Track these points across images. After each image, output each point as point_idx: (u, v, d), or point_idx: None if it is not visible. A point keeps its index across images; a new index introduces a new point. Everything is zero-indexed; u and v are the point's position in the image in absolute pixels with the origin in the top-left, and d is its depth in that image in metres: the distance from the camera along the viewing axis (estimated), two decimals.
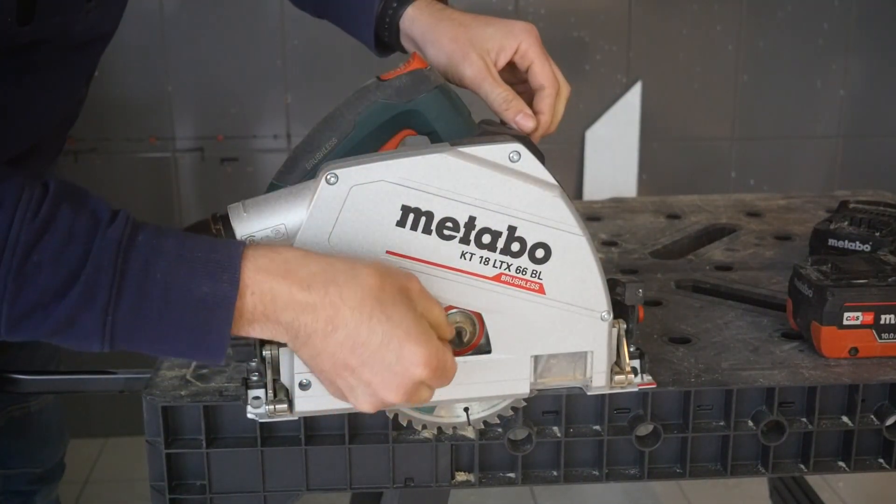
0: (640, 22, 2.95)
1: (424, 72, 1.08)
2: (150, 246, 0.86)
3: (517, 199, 0.98)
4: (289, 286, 0.88)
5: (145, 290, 0.85)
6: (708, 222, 1.71)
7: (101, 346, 0.86)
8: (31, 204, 0.84)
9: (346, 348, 0.89)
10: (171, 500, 1.10)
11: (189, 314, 0.86)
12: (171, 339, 0.88)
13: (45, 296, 0.84)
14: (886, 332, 1.17)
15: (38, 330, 0.86)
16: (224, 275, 0.87)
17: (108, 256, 0.85)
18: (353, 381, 0.91)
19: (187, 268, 0.86)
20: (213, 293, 0.86)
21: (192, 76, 2.86)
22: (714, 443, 1.16)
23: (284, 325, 0.89)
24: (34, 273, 0.83)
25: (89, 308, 0.84)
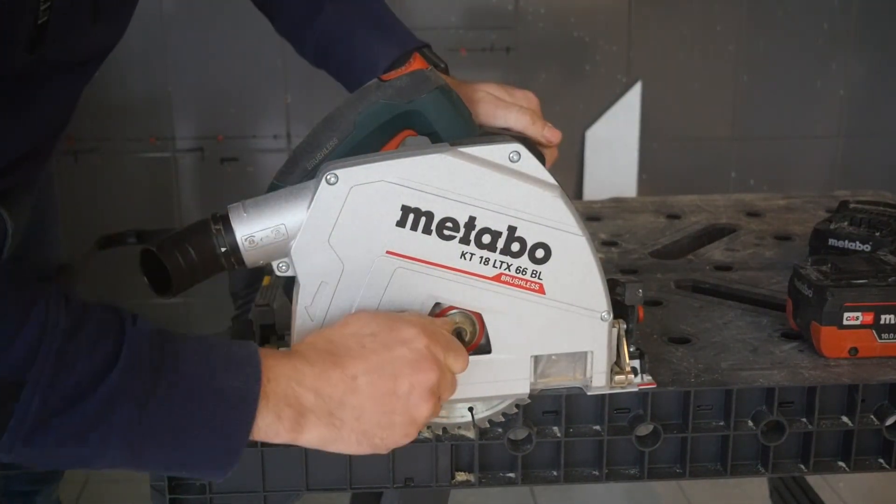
0: (640, 22, 2.95)
1: (425, 72, 1.08)
2: (175, 343, 0.88)
3: (517, 199, 0.98)
4: (294, 366, 0.91)
5: (177, 383, 0.86)
6: (708, 222, 1.71)
7: (119, 449, 0.84)
8: (62, 299, 0.84)
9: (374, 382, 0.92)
10: (171, 500, 1.10)
11: (216, 409, 0.87)
12: (192, 436, 0.87)
13: (76, 391, 0.82)
14: (886, 332, 1.18)
15: (65, 427, 0.82)
16: (247, 369, 0.89)
17: (144, 346, 0.85)
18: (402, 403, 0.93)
19: (212, 364, 0.88)
20: (240, 387, 0.88)
21: (192, 76, 2.87)
22: (714, 443, 1.16)
23: (312, 408, 0.91)
24: (72, 359, 0.82)
25: (123, 397, 0.83)
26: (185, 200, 2.96)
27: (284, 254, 0.99)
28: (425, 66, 1.09)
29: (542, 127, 1.20)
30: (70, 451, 0.84)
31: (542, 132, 1.20)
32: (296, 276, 0.99)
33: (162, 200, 2.94)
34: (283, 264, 0.99)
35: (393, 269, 0.98)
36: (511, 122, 1.20)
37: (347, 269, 0.98)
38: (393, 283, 0.99)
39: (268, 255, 0.99)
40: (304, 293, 0.99)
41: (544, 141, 1.20)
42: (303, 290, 0.99)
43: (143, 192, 2.95)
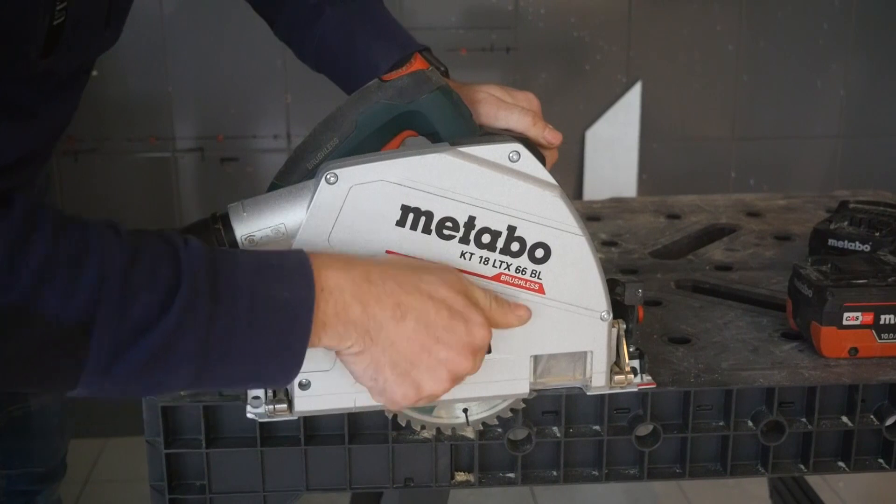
0: (640, 22, 2.95)
1: (426, 73, 1.08)
2: (229, 259, 0.88)
3: (517, 198, 0.98)
4: (353, 278, 0.91)
5: (237, 300, 0.86)
6: (708, 222, 1.71)
7: (189, 373, 0.86)
8: (112, 232, 0.84)
9: (419, 331, 0.92)
10: (171, 500, 1.10)
11: (274, 320, 0.87)
12: (256, 350, 0.88)
13: (148, 313, 0.83)
14: (886, 332, 1.18)
15: (138, 357, 0.83)
16: (302, 279, 0.89)
17: (201, 270, 0.85)
18: (431, 362, 0.93)
19: (266, 276, 0.88)
20: (294, 297, 0.88)
21: (192, 76, 2.86)
22: (714, 443, 1.16)
23: (355, 321, 0.91)
24: (135, 291, 0.82)
25: (191, 320, 0.84)
26: (185, 200, 2.96)
27: None
28: (426, 66, 1.09)
29: (542, 128, 1.20)
30: (145, 380, 0.86)
31: (543, 133, 1.20)
32: None
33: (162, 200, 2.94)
34: None
35: None
36: (512, 124, 1.20)
37: None
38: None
39: None
40: None
41: (545, 142, 1.20)
42: None
43: (143, 192, 2.95)
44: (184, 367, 0.85)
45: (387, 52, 1.24)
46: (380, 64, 1.22)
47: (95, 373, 0.83)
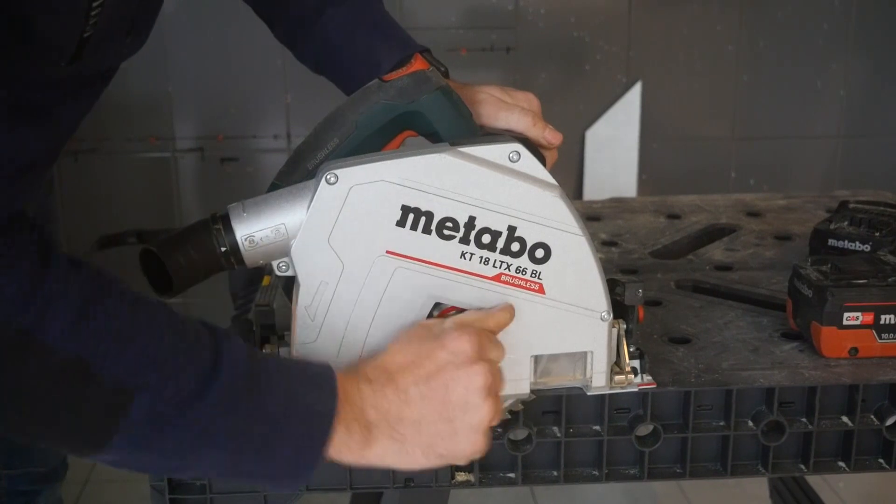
0: (640, 22, 2.95)
1: (426, 73, 1.08)
2: (259, 357, 0.90)
3: (517, 199, 0.98)
4: (357, 383, 0.92)
5: (266, 396, 0.88)
6: (708, 222, 1.71)
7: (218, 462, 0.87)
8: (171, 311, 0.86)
9: (425, 395, 0.93)
10: (171, 501, 1.10)
11: (298, 424, 0.89)
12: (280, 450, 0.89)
13: (186, 394, 0.84)
14: (886, 332, 1.17)
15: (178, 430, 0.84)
16: (324, 386, 0.90)
17: (241, 363, 0.87)
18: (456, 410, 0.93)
19: (294, 381, 0.90)
20: (318, 403, 0.89)
21: (192, 76, 2.87)
22: (714, 443, 1.15)
23: (375, 424, 0.92)
24: (177, 372, 0.84)
25: (225, 409, 0.85)
26: (185, 200, 2.96)
27: (284, 253, 0.99)
28: (426, 66, 1.09)
29: (542, 129, 1.20)
30: (173, 460, 0.88)
31: (543, 134, 1.20)
32: (296, 275, 0.99)
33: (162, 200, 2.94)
34: (283, 264, 0.99)
35: (393, 268, 0.98)
36: (512, 124, 1.21)
37: (347, 269, 0.98)
38: (393, 283, 0.99)
39: (268, 254, 0.99)
40: (304, 293, 0.99)
41: (545, 142, 1.21)
42: (303, 290, 0.99)
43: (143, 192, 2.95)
44: (212, 454, 0.87)
45: (387, 53, 1.23)
46: (381, 64, 1.22)
47: (130, 438, 0.83)
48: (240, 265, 0.99)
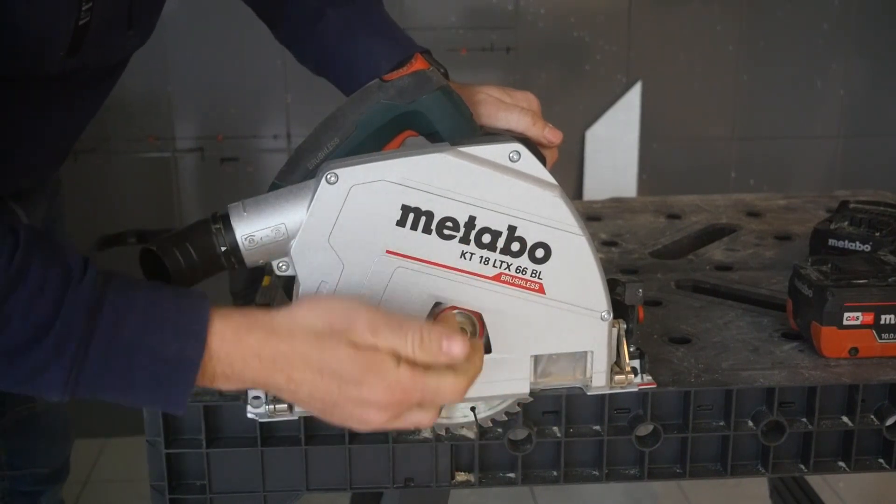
0: (640, 22, 2.95)
1: (427, 73, 1.08)
2: (119, 304, 0.87)
3: (517, 198, 0.98)
4: (243, 355, 0.89)
5: (112, 348, 0.87)
6: (708, 222, 1.71)
7: (63, 397, 0.88)
8: (3, 255, 0.84)
9: (316, 399, 0.91)
10: (171, 500, 1.10)
11: (153, 374, 0.88)
12: (133, 395, 0.89)
13: (12, 347, 0.84)
14: (886, 332, 1.17)
15: (3, 378, 0.87)
16: (190, 339, 0.88)
17: (79, 314, 0.85)
18: (340, 416, 0.92)
19: (155, 329, 0.88)
20: (179, 357, 0.87)
21: (192, 76, 2.87)
22: (714, 443, 1.16)
23: (251, 383, 0.92)
24: (4, 323, 0.84)
25: (56, 362, 0.85)
26: (185, 200, 2.96)
27: (284, 253, 0.99)
28: (427, 66, 1.09)
29: (542, 128, 1.20)
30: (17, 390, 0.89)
31: (543, 133, 1.20)
32: (296, 275, 0.99)
33: (162, 200, 2.94)
34: (283, 264, 0.99)
35: (393, 268, 0.98)
36: (512, 124, 1.21)
37: (347, 269, 0.98)
38: (393, 283, 0.99)
39: (268, 254, 0.99)
40: (304, 293, 0.99)
41: (545, 142, 1.21)
42: (303, 290, 0.99)
43: (143, 192, 2.95)
44: (52, 393, 0.87)
45: (388, 54, 1.23)
46: (381, 65, 1.22)
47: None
48: (240, 265, 0.99)
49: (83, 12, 0.91)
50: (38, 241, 0.87)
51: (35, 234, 0.87)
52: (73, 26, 0.91)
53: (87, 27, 0.93)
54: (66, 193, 1.49)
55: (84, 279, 0.86)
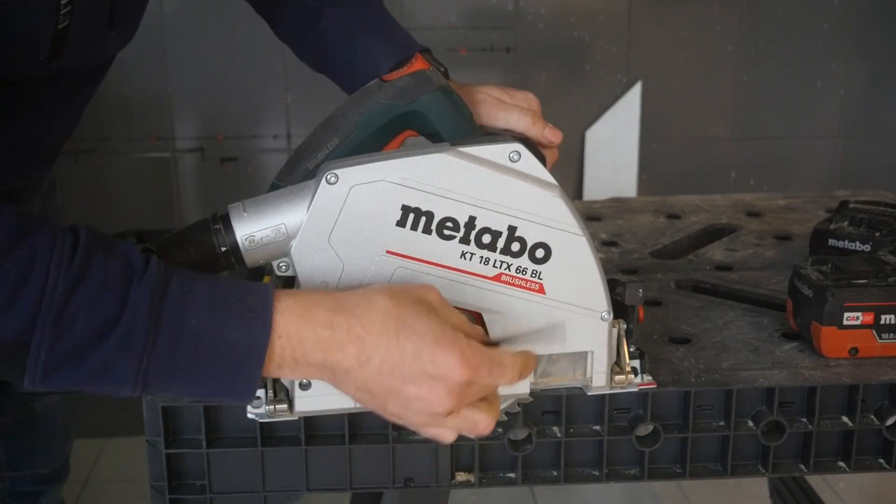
0: (640, 22, 2.95)
1: (426, 73, 1.08)
2: (182, 293, 0.87)
3: (517, 199, 0.98)
4: (313, 328, 0.89)
5: (179, 337, 0.87)
6: (708, 222, 1.71)
7: (133, 392, 0.88)
8: (66, 252, 0.85)
9: (384, 373, 0.90)
10: (171, 500, 1.10)
11: (220, 360, 0.88)
12: (202, 384, 0.89)
13: (82, 342, 0.85)
14: (886, 332, 1.17)
15: (73, 376, 0.86)
16: (256, 321, 0.88)
17: (144, 304, 0.86)
18: (403, 401, 0.91)
19: (219, 314, 0.88)
20: (245, 340, 0.87)
21: (192, 76, 2.87)
22: (714, 443, 1.16)
23: (317, 365, 0.90)
24: (71, 320, 0.84)
25: (125, 355, 0.86)
26: (185, 200, 2.96)
27: (284, 253, 0.99)
28: (427, 66, 1.09)
29: (542, 128, 1.20)
30: (87, 388, 0.88)
31: (543, 133, 1.20)
32: (296, 275, 0.99)
33: (162, 200, 2.94)
34: (284, 264, 0.99)
35: (393, 268, 0.98)
36: (512, 124, 1.21)
37: (347, 269, 0.98)
38: (393, 283, 0.99)
39: (268, 254, 0.99)
40: None
41: (545, 141, 1.21)
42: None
43: (143, 192, 2.95)
44: (123, 389, 0.87)
45: (388, 53, 1.23)
46: (381, 64, 1.21)
47: (34, 384, 0.86)
48: (240, 265, 0.99)
49: (62, 16, 0.90)
50: (97, 238, 0.87)
51: (94, 232, 0.88)
52: (52, 30, 0.91)
53: (66, 31, 0.92)
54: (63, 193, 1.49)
55: (147, 273, 0.87)
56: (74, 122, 1.20)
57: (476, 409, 0.93)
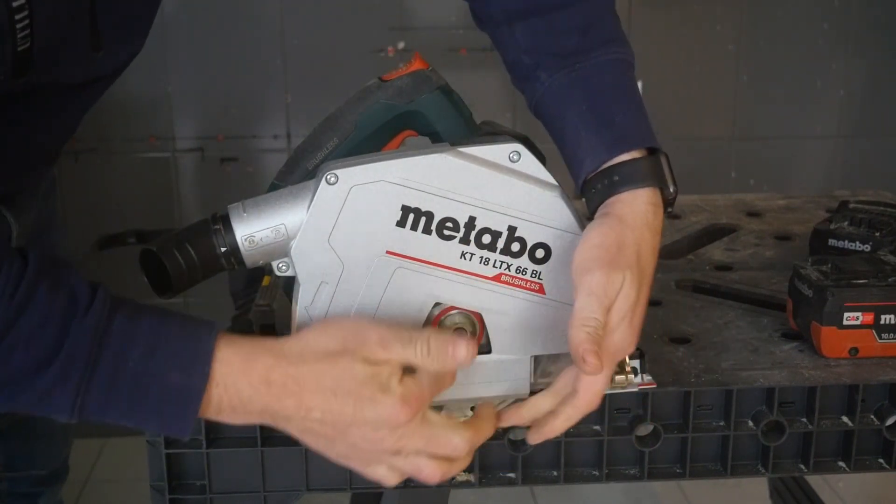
0: (640, 22, 2.95)
1: (426, 72, 1.08)
2: (124, 332, 0.88)
3: (517, 199, 0.98)
4: (249, 381, 0.89)
5: (117, 376, 0.87)
6: (708, 222, 1.71)
7: (70, 419, 0.89)
8: (9, 283, 0.85)
9: (327, 423, 0.90)
10: (171, 500, 1.10)
11: (156, 401, 0.88)
12: (137, 420, 0.90)
13: (17, 375, 0.85)
14: (886, 332, 1.18)
15: (9, 403, 0.88)
16: (194, 367, 0.88)
17: (84, 343, 0.86)
18: (347, 445, 0.91)
19: (160, 356, 0.88)
20: (182, 385, 0.88)
21: (192, 76, 2.87)
22: (714, 443, 1.16)
23: (257, 413, 0.91)
24: (8, 353, 0.84)
25: (61, 389, 0.86)
26: (185, 200, 2.96)
27: (284, 254, 0.99)
28: (426, 65, 1.09)
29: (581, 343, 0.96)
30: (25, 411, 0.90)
31: (582, 349, 0.97)
32: (296, 276, 0.99)
33: (162, 200, 2.94)
34: (283, 264, 0.99)
35: (393, 269, 0.98)
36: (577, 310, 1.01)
37: (347, 269, 0.98)
38: (393, 283, 0.99)
39: (268, 255, 0.99)
40: (304, 293, 0.99)
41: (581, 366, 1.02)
42: (303, 290, 0.99)
43: (143, 192, 2.95)
44: (60, 416, 0.88)
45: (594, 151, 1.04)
46: (584, 161, 1.04)
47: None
48: (240, 265, 0.99)
49: (20, 39, 0.89)
50: (45, 268, 0.87)
51: (44, 260, 0.88)
52: (11, 52, 0.90)
53: (30, 51, 0.91)
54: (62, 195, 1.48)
55: (91, 308, 0.87)
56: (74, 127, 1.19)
57: (422, 455, 0.93)
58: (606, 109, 1.06)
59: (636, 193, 1.01)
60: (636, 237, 0.99)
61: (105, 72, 1.10)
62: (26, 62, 0.92)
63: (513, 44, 1.13)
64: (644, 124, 1.08)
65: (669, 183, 1.03)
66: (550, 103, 1.09)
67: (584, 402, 0.98)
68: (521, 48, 1.11)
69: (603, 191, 1.01)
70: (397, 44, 2.78)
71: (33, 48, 0.91)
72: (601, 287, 0.94)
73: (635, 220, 1.00)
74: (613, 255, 0.96)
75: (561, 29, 1.09)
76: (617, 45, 1.10)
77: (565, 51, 1.08)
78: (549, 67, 1.09)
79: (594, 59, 1.08)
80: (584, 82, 1.07)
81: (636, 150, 1.03)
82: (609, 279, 0.95)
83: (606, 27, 1.11)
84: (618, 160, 1.02)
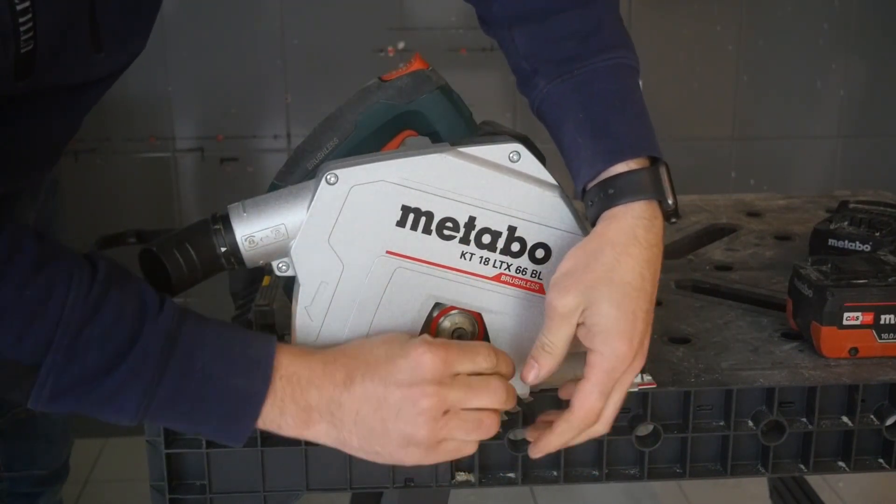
0: (640, 22, 2.95)
1: (426, 72, 1.08)
2: (194, 336, 0.91)
3: (517, 199, 0.98)
4: (309, 366, 0.94)
5: (186, 378, 0.90)
6: (708, 222, 1.71)
7: (132, 422, 0.91)
8: (83, 284, 0.88)
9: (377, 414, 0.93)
10: (171, 500, 1.10)
11: (221, 404, 0.92)
12: (197, 421, 0.94)
13: (88, 375, 0.88)
14: (886, 332, 1.18)
15: (77, 402, 0.90)
16: (258, 370, 0.92)
17: (157, 343, 0.89)
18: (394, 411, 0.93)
19: (225, 360, 0.92)
20: (247, 387, 0.92)
21: (192, 76, 2.86)
22: (714, 443, 1.16)
23: (314, 406, 0.93)
24: (83, 350, 0.87)
25: (131, 388, 0.89)
26: (185, 200, 2.96)
27: (284, 254, 0.99)
28: (426, 65, 1.09)
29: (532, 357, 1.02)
30: (88, 414, 0.92)
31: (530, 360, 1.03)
32: (296, 276, 0.99)
33: (162, 200, 2.94)
34: (283, 264, 0.99)
35: (393, 269, 0.99)
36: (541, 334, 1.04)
37: (347, 269, 0.98)
38: (393, 283, 0.99)
39: (268, 255, 0.99)
40: (304, 293, 0.99)
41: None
42: (303, 290, 0.99)
43: (143, 192, 2.95)
44: (123, 418, 0.91)
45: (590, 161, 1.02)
46: (581, 171, 1.03)
47: (37, 405, 0.89)
48: (240, 265, 0.99)
49: (23, 41, 0.89)
50: (114, 273, 0.91)
51: (112, 266, 0.91)
52: (14, 54, 0.90)
53: (32, 54, 0.91)
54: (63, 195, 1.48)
55: (162, 311, 0.90)
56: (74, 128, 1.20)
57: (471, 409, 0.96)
58: (603, 118, 1.04)
59: (629, 207, 0.99)
60: (616, 253, 0.97)
61: (106, 73, 1.10)
62: (29, 64, 0.92)
63: (513, 49, 1.12)
64: (643, 132, 1.07)
65: (668, 195, 1.01)
66: (549, 110, 1.08)
67: (577, 418, 0.99)
68: (520, 53, 1.11)
69: (599, 203, 1.00)
70: (397, 44, 2.78)
71: (36, 50, 0.91)
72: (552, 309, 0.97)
73: (618, 235, 0.98)
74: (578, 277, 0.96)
75: (559, 35, 1.08)
76: (619, 49, 1.08)
77: (563, 57, 1.07)
78: (547, 74, 1.07)
79: (593, 66, 1.06)
80: (582, 90, 1.05)
81: (633, 159, 1.01)
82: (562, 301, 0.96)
83: (607, 32, 1.09)
84: (614, 171, 1.00)
